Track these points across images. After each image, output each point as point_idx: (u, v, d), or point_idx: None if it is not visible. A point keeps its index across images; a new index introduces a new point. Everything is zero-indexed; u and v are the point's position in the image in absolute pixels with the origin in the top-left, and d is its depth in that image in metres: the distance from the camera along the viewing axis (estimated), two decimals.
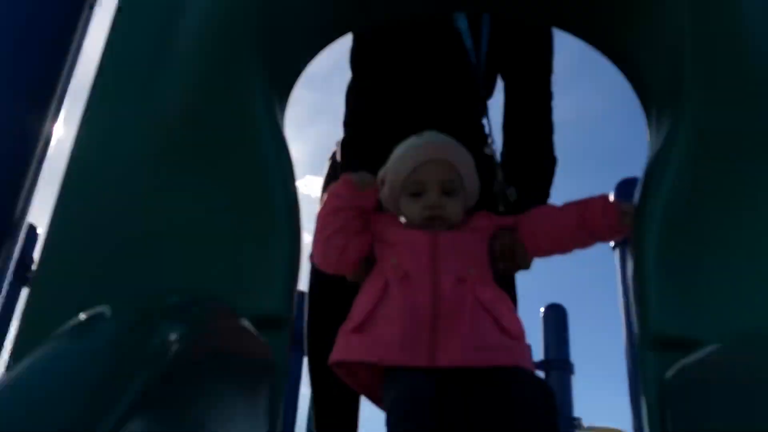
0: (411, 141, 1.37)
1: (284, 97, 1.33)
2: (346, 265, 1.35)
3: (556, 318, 4.07)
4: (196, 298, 0.95)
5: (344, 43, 1.76)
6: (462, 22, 1.74)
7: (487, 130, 1.81)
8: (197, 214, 1.08)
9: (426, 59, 1.75)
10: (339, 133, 1.78)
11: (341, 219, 1.30)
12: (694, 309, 1.07)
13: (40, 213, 1.38)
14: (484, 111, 1.82)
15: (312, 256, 1.40)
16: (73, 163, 1.12)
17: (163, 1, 1.26)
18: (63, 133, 1.37)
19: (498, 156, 1.76)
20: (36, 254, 2.42)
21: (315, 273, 1.72)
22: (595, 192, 1.35)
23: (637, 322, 1.12)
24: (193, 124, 1.15)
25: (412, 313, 1.18)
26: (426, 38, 1.74)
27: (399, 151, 1.37)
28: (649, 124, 1.37)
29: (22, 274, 2.75)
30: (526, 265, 1.42)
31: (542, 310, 4.11)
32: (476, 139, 1.72)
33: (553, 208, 1.40)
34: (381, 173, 1.38)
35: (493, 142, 1.79)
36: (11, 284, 1.63)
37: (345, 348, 1.23)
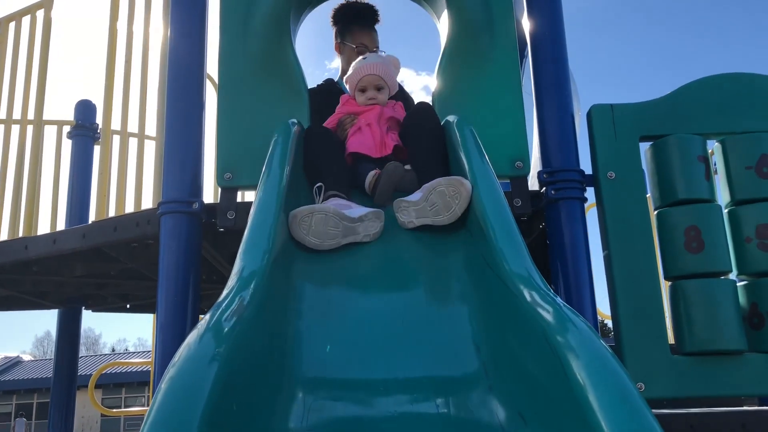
0: (359, 61, 2.55)
1: (296, 33, 2.77)
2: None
3: None
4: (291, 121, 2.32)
5: None
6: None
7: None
8: (275, 87, 2.57)
9: None
10: None
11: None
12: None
13: None
14: None
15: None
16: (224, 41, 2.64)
17: None
18: None
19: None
20: None
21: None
22: None
23: None
24: (264, 51, 2.59)
25: (372, 137, 2.40)
26: None
27: (353, 67, 2.54)
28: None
29: None
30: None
31: None
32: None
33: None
34: (345, 78, 2.61)
35: None
36: None
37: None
